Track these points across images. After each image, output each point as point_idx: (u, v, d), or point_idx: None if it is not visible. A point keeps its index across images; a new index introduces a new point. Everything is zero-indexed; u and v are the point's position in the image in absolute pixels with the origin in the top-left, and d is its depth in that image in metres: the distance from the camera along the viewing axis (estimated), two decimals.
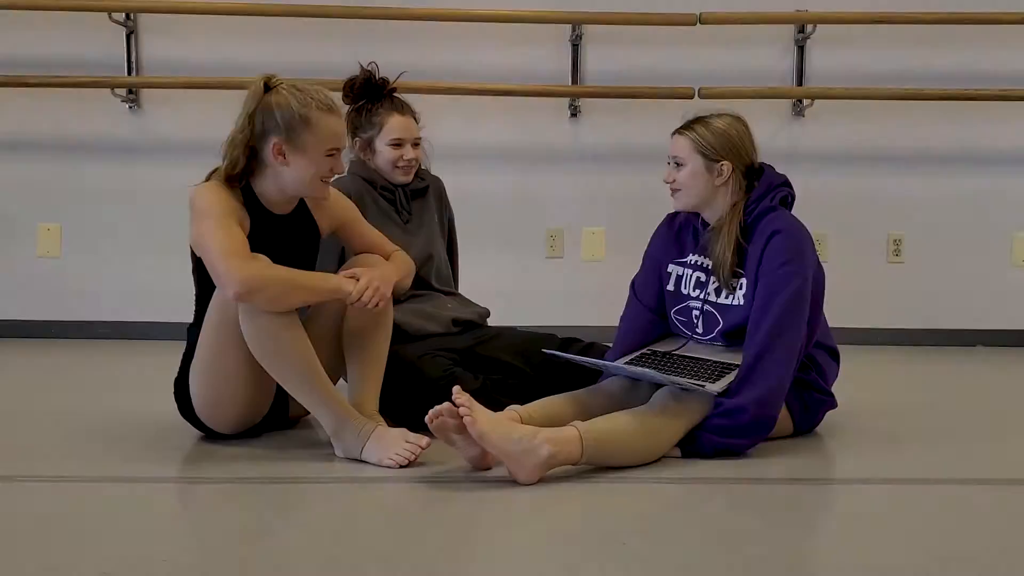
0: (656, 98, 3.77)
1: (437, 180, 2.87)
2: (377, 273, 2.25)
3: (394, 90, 2.74)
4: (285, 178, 2.23)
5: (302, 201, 2.36)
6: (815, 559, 1.71)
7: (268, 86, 2.22)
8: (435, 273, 2.76)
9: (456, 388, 2.01)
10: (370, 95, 2.70)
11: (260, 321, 2.10)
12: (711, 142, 2.31)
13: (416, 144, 2.71)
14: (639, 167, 3.91)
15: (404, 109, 2.71)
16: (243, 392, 2.22)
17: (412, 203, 2.77)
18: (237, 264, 2.08)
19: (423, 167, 2.81)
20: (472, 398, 2.01)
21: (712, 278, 2.37)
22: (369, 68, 2.70)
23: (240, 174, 2.22)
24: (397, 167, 2.69)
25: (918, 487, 2.08)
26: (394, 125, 2.67)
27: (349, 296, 2.19)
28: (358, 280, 2.21)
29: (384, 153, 2.68)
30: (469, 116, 3.85)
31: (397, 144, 2.67)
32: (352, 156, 2.76)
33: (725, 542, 1.72)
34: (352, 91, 2.71)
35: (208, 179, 2.24)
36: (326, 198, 2.32)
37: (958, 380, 3.38)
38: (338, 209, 2.42)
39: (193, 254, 2.27)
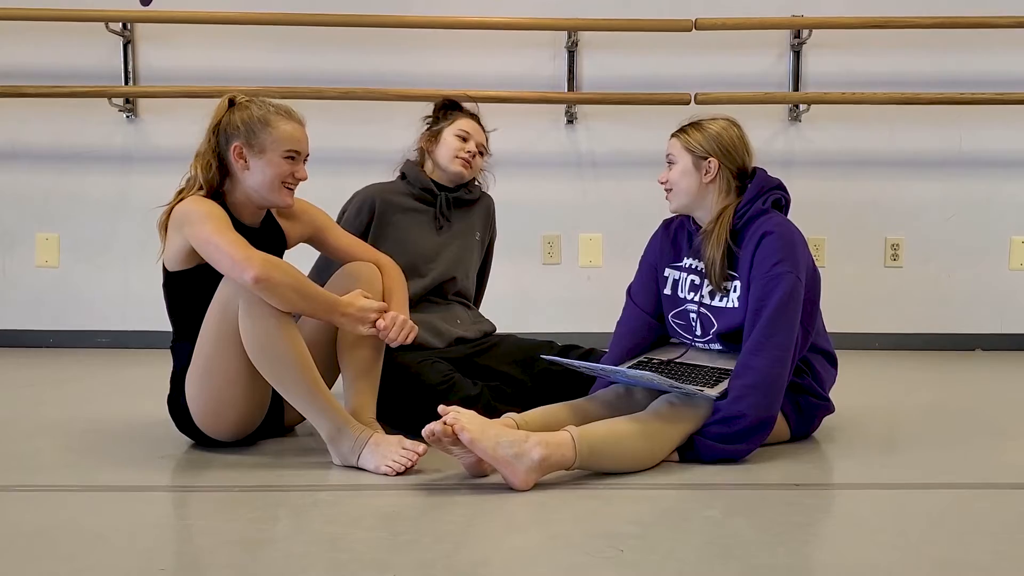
0: (652, 104, 3.78)
1: (488, 198, 2.90)
2: (404, 309, 2.33)
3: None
4: (248, 182, 2.28)
5: (270, 212, 2.39)
6: (814, 565, 1.70)
7: (233, 102, 2.30)
8: (457, 286, 2.77)
9: (441, 407, 2.03)
10: (452, 107, 2.83)
11: (258, 322, 2.11)
12: (700, 141, 2.37)
13: (480, 152, 2.78)
14: (636, 173, 3.92)
15: (480, 121, 2.83)
16: (241, 396, 2.22)
17: (454, 211, 2.79)
18: (257, 254, 2.11)
19: (478, 182, 2.86)
20: (458, 407, 2.03)
21: (706, 281, 2.37)
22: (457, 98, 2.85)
23: (217, 186, 2.28)
24: (457, 157, 2.73)
25: (917, 492, 2.07)
26: (467, 122, 2.78)
27: (354, 327, 2.21)
28: (383, 311, 2.25)
29: (448, 141, 2.74)
30: None
31: (464, 137, 2.74)
32: (410, 155, 2.81)
33: (723, 548, 1.71)
34: (440, 104, 2.84)
35: (182, 195, 2.27)
36: (289, 206, 2.35)
37: (956, 384, 3.37)
38: (307, 218, 2.46)
39: (165, 270, 2.29)
